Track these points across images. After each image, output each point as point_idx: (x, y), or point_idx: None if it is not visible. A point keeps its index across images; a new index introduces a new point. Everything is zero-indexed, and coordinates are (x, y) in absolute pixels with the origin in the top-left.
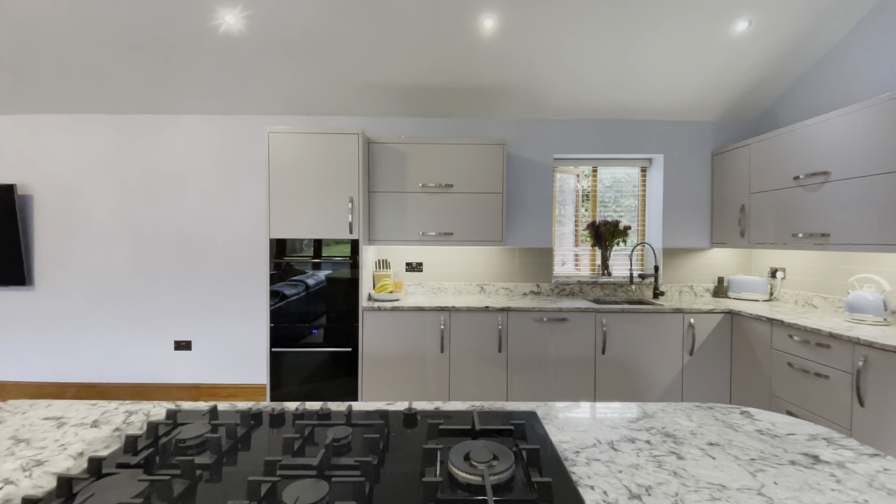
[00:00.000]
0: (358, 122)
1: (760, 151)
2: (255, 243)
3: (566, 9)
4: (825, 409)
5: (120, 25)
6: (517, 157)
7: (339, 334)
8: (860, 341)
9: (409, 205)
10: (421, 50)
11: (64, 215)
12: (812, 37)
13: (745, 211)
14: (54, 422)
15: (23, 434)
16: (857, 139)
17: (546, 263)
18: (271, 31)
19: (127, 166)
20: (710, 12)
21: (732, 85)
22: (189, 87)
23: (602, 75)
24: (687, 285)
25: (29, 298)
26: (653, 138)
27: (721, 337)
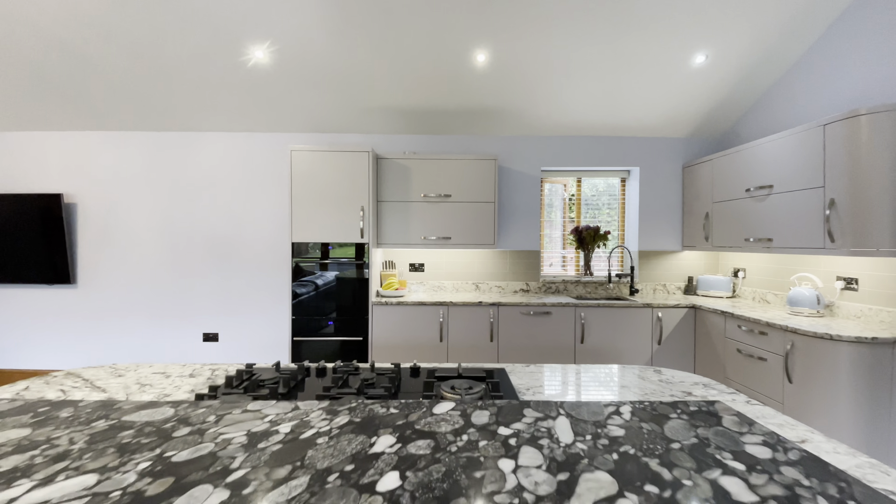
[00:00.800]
0: (367, 139)
1: (720, 166)
2: (276, 246)
3: (550, 41)
4: (764, 387)
5: (160, 57)
6: (508, 169)
7: (351, 325)
8: (788, 329)
9: (413, 212)
10: (423, 77)
11: (104, 221)
12: (761, 68)
13: (709, 218)
14: (161, 375)
15: (144, 380)
16: (791, 158)
17: (534, 264)
18: (293, 62)
19: (161, 178)
20: (673, 48)
21: (698, 106)
22: (219, 109)
23: (583, 98)
24: (661, 284)
25: (72, 295)
26: (630, 152)
27: (685, 328)
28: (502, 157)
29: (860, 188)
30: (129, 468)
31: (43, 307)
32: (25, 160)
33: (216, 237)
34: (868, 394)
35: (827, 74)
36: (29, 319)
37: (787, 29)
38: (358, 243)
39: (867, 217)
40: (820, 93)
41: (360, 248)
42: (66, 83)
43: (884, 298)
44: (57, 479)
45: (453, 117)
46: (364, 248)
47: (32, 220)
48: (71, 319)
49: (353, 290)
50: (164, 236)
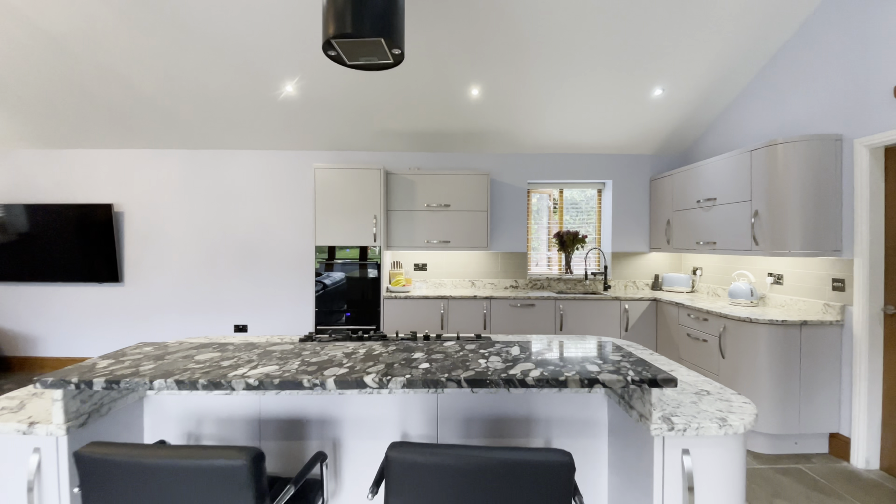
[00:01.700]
0: (378, 156)
1: (679, 180)
2: (300, 249)
3: (532, 77)
4: (706, 363)
5: (202, 89)
6: (499, 182)
7: (366, 316)
8: (721, 315)
9: (417, 220)
10: (426, 105)
11: (148, 228)
12: (708, 101)
13: (670, 224)
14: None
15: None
16: (728, 176)
17: (522, 264)
18: (317, 93)
19: (197, 189)
20: (634, 82)
21: (659, 129)
22: (250, 131)
23: (562, 122)
24: (631, 281)
25: (120, 292)
26: (604, 167)
27: (648, 318)
28: (494, 172)
29: (777, 202)
30: (290, 365)
31: (95, 303)
32: (81, 174)
33: (246, 241)
34: (781, 364)
35: (760, 107)
36: (83, 313)
37: (727, 70)
38: (371, 246)
39: (782, 225)
40: (755, 121)
41: (373, 251)
42: (118, 109)
43: (802, 291)
44: (256, 368)
45: (452, 138)
46: (376, 251)
47: (86, 226)
48: (119, 313)
49: (367, 286)
50: (200, 240)
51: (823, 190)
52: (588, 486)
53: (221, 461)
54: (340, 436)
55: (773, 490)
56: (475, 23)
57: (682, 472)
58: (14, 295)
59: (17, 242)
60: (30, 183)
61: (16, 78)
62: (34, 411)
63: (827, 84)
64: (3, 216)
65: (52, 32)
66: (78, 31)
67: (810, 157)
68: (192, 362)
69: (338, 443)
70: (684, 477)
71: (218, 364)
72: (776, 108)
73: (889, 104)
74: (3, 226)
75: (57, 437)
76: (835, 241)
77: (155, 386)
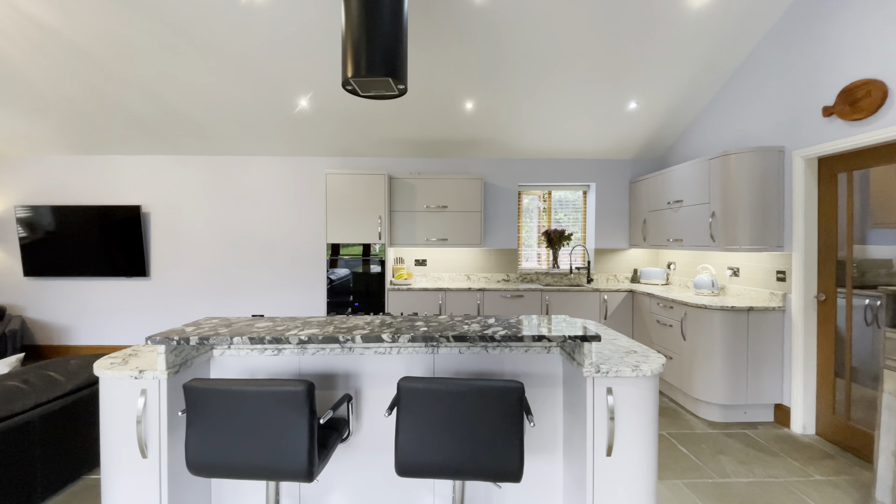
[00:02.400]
0: (382, 162)
1: (653, 183)
2: (312, 245)
3: (520, 92)
4: (670, 345)
5: (224, 103)
6: (492, 185)
7: (372, 305)
8: (682, 302)
9: (418, 220)
10: (426, 117)
11: (172, 227)
12: (677, 113)
13: (646, 223)
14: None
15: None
16: (692, 181)
17: (513, 259)
18: (328, 106)
19: (217, 192)
20: (612, 96)
21: (636, 138)
22: (266, 139)
23: (550, 131)
24: (612, 274)
25: (147, 285)
26: (588, 171)
27: (625, 307)
28: (487, 176)
29: (729, 204)
30: (326, 329)
31: (123, 295)
32: (111, 178)
33: (261, 238)
34: (731, 344)
35: (719, 121)
36: (112, 305)
37: (691, 88)
38: (377, 243)
39: (734, 224)
40: (716, 133)
41: (375, 248)
42: (147, 119)
43: (754, 281)
44: (303, 330)
45: (449, 146)
46: (378, 248)
47: (116, 225)
48: (145, 304)
49: (373, 279)
50: (220, 238)
51: (768, 194)
52: (548, 423)
53: (289, 388)
54: (360, 386)
55: (719, 449)
56: (468, 45)
57: (606, 405)
58: (49, 288)
59: (52, 240)
60: (65, 186)
61: (55, 91)
62: (137, 364)
63: (772, 103)
64: (39, 217)
65: (91, 52)
66: (114, 51)
67: (757, 166)
68: (254, 329)
69: (358, 391)
70: (607, 409)
71: (273, 328)
72: (732, 123)
73: (819, 122)
74: (40, 225)
75: (160, 380)
76: (777, 238)
77: (234, 342)
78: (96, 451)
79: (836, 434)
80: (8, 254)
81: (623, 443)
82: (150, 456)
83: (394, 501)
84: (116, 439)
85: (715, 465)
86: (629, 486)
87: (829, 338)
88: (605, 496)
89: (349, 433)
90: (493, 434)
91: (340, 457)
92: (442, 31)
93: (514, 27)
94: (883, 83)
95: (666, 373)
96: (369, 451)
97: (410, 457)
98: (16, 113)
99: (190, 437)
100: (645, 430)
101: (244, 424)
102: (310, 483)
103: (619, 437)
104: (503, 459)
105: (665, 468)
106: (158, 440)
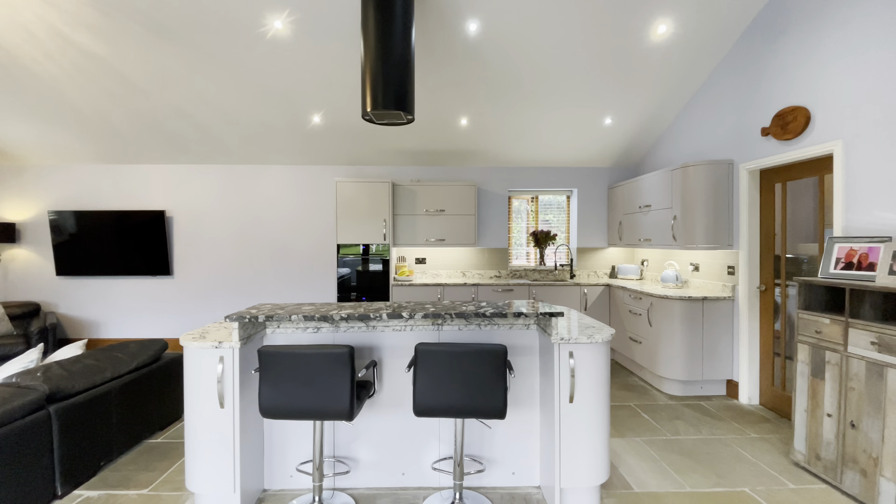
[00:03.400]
0: (386, 170)
1: (627, 189)
2: (322, 246)
3: (509, 110)
4: (639, 331)
5: (243, 119)
6: (484, 191)
7: (378, 300)
8: (649, 294)
9: (418, 222)
10: (426, 131)
11: (193, 230)
12: (647, 128)
13: (621, 224)
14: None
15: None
16: (658, 188)
17: (504, 257)
18: (337, 121)
19: (235, 198)
20: (590, 113)
21: (613, 149)
22: (280, 150)
23: (536, 143)
24: (593, 271)
25: (170, 283)
26: (571, 178)
27: (603, 300)
28: (480, 183)
29: (688, 209)
30: (358, 309)
31: (149, 293)
32: (138, 185)
33: (275, 240)
34: (689, 329)
35: (681, 136)
36: (138, 301)
37: (657, 107)
38: (381, 244)
39: (692, 226)
40: (679, 147)
41: (378, 247)
42: (173, 132)
43: (711, 275)
44: (341, 311)
45: (446, 156)
46: (379, 247)
47: (143, 229)
48: (169, 300)
49: (378, 276)
50: (238, 240)
51: (720, 200)
52: (527, 384)
53: (337, 350)
54: (381, 356)
55: (676, 416)
56: (463, 70)
57: (568, 365)
58: (80, 287)
59: (82, 242)
60: (94, 192)
61: (93, 108)
62: (214, 337)
63: (723, 122)
64: (71, 221)
65: (130, 76)
66: (152, 75)
67: (711, 177)
68: (303, 309)
69: (380, 360)
70: (569, 368)
71: (318, 309)
72: (691, 138)
73: (759, 140)
74: (71, 228)
75: (234, 348)
76: (728, 238)
77: (292, 319)
78: (154, 419)
79: (775, 403)
80: (41, 255)
81: (581, 393)
82: (227, 406)
83: (408, 445)
84: (199, 395)
85: (670, 427)
86: (586, 424)
87: (768, 322)
88: (569, 433)
89: (374, 391)
90: (485, 383)
91: (367, 411)
92: (440, 58)
93: (504, 54)
94: (806, 109)
95: (635, 355)
96: (389, 407)
97: (424, 401)
98: (54, 127)
99: (262, 389)
100: (598, 382)
101: (303, 378)
102: (349, 422)
103: (578, 389)
104: (492, 401)
105: (628, 430)
106: (232, 394)
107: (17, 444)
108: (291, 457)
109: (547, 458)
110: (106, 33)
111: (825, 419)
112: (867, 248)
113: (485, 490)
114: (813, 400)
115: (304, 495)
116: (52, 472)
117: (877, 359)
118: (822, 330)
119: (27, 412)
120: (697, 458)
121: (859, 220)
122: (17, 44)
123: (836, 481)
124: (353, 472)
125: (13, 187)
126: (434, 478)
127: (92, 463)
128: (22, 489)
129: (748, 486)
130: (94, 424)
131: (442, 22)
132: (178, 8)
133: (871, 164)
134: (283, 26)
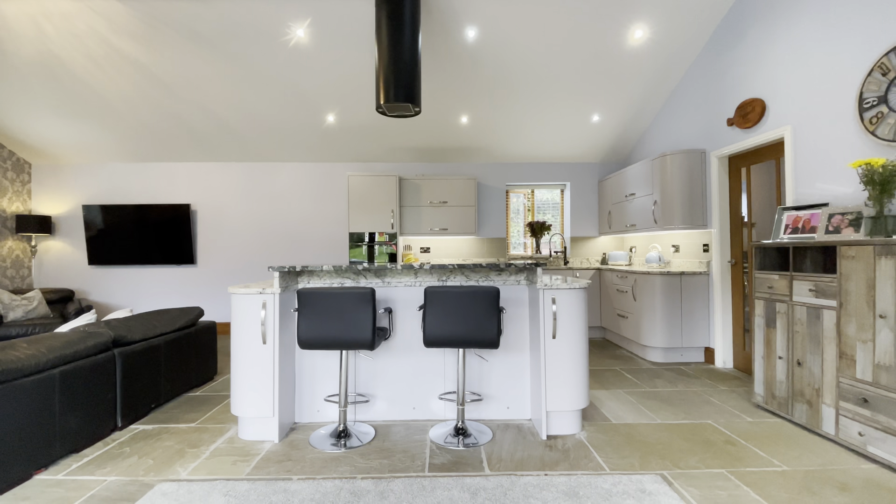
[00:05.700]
0: (393, 166)
1: (615, 181)
2: (335, 235)
3: (507, 109)
4: (625, 307)
5: (264, 119)
6: (484, 184)
7: None
8: (633, 272)
9: (423, 213)
10: (429, 129)
11: (216, 222)
12: (632, 125)
13: (610, 214)
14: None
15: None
16: (641, 178)
17: (502, 246)
18: (349, 121)
19: (254, 192)
20: (578, 110)
21: (602, 144)
22: (297, 148)
23: (531, 139)
24: (585, 258)
25: (194, 272)
26: (564, 172)
27: (594, 282)
28: (480, 177)
29: (666, 194)
30: (350, 274)
31: (175, 280)
32: (165, 181)
33: (291, 231)
34: (669, 301)
35: (662, 130)
36: (165, 288)
37: (640, 105)
38: (389, 233)
39: (671, 209)
40: (659, 139)
41: (390, 237)
42: (200, 132)
43: (689, 254)
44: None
45: (448, 152)
46: (393, 236)
47: (171, 221)
48: (193, 287)
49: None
50: (256, 231)
51: (695, 185)
52: (518, 330)
53: (362, 290)
54: (395, 307)
55: (656, 375)
56: (464, 72)
57: (551, 307)
58: (110, 275)
59: (113, 234)
60: (124, 188)
61: (128, 109)
62: (259, 286)
63: (696, 115)
64: (102, 214)
65: (164, 79)
66: (184, 78)
67: (686, 164)
68: (331, 264)
69: (393, 309)
70: (552, 311)
71: (340, 266)
72: (670, 131)
73: (725, 129)
74: (102, 221)
75: (275, 294)
76: (703, 219)
77: (324, 268)
78: (192, 375)
79: (746, 365)
80: (75, 246)
81: (562, 330)
82: (268, 342)
83: (418, 381)
84: (245, 333)
85: (650, 383)
86: (568, 356)
87: (739, 292)
88: (553, 364)
89: (390, 334)
90: (482, 318)
91: (383, 353)
92: (443, 62)
93: (500, 58)
94: (763, 100)
95: (622, 329)
96: (401, 350)
97: (432, 333)
98: (91, 127)
99: (301, 324)
100: (576, 322)
101: (334, 314)
102: (371, 351)
103: (559, 327)
104: (487, 333)
105: (611, 385)
106: (273, 332)
107: (88, 377)
108: (319, 392)
109: (536, 393)
110: (149, 41)
111: (777, 362)
112: (809, 214)
113: (483, 421)
114: (767, 347)
115: (331, 424)
116: (114, 405)
117: (814, 303)
118: (773, 285)
119: (97, 351)
120: (671, 402)
121: (805, 191)
122: (68, 51)
123: (788, 414)
124: (371, 405)
125: (50, 184)
126: (441, 411)
127: (145, 404)
128: (91, 418)
129: (711, 419)
130: (149, 370)
131: (444, 29)
132: (216, 19)
133: (814, 144)
134: (305, 34)
